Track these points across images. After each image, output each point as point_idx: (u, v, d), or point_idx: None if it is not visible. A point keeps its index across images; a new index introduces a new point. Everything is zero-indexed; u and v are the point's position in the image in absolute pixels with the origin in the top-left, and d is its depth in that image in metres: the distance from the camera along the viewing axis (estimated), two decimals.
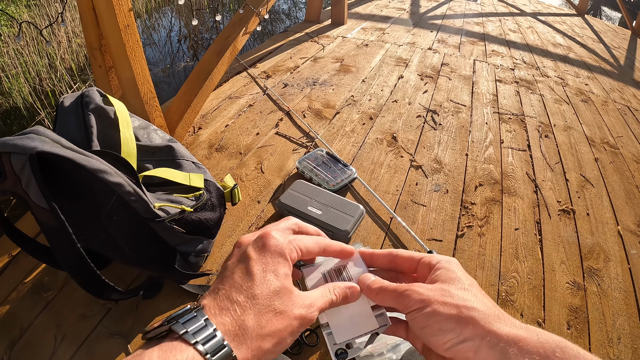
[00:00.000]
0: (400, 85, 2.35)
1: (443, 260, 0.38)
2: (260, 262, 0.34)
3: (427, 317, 0.32)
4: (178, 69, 3.69)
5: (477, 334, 0.30)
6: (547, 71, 3.03)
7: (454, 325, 0.31)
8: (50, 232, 0.76)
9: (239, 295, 0.32)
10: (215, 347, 0.28)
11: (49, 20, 3.53)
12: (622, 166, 1.92)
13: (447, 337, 0.31)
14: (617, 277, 1.30)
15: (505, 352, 0.28)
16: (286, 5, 6.05)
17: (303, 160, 1.48)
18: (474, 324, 0.30)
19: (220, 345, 0.28)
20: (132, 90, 1.30)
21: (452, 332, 0.31)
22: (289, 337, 0.32)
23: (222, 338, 0.29)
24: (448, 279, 0.35)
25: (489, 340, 0.29)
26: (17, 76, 2.87)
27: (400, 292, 0.35)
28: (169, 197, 0.94)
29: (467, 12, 4.54)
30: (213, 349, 0.28)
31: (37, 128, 0.73)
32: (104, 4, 1.13)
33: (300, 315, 0.33)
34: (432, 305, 0.32)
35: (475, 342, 0.30)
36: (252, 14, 1.92)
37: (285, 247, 0.35)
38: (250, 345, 0.30)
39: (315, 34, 3.03)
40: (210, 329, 0.29)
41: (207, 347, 0.28)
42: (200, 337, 0.28)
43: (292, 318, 0.32)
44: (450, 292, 0.33)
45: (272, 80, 2.23)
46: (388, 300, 0.36)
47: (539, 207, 1.53)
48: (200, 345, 0.28)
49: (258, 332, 0.30)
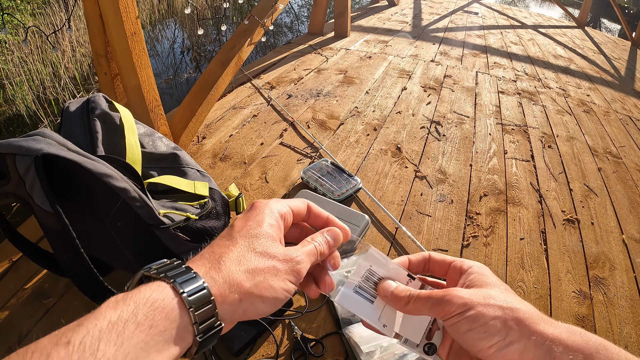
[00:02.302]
0: (403, 96, 2.36)
1: (475, 265, 0.37)
2: (243, 218, 0.33)
3: (472, 320, 0.31)
4: (181, 80, 3.71)
5: (524, 335, 0.29)
6: (549, 82, 3.04)
7: (500, 327, 0.30)
8: (53, 236, 0.75)
9: (218, 244, 0.31)
10: (187, 279, 0.27)
11: (53, 29, 3.56)
12: (625, 175, 1.92)
13: (493, 340, 0.30)
14: (622, 285, 1.28)
15: (551, 351, 0.28)
16: (289, 18, 6.10)
17: (308, 170, 1.47)
18: (519, 325, 0.30)
19: (191, 277, 0.27)
20: (138, 98, 1.31)
21: (498, 335, 0.30)
22: (274, 279, 0.30)
23: (194, 272, 0.28)
24: (483, 283, 0.34)
25: (535, 340, 0.29)
26: (21, 84, 2.88)
27: (439, 298, 0.33)
28: (174, 204, 0.94)
29: (468, 24, 4.58)
30: (184, 280, 0.27)
31: (43, 130, 0.73)
32: (111, 10, 1.14)
33: (285, 257, 0.31)
34: (476, 308, 0.31)
35: (521, 344, 0.29)
36: (257, 25, 1.93)
37: (271, 203, 0.34)
38: (227, 280, 0.28)
39: (318, 46, 3.05)
40: (182, 269, 0.28)
41: (178, 279, 0.27)
42: (172, 273, 0.27)
43: (274, 259, 0.31)
44: (491, 295, 0.32)
45: (276, 91, 2.23)
46: (422, 308, 0.35)
47: (543, 217, 1.52)
48: (173, 281, 0.27)
49: (235, 268, 0.29)
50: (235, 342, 0.89)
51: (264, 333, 0.95)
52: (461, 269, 0.37)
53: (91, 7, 1.19)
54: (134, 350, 0.22)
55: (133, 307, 0.24)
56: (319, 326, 0.99)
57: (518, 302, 0.32)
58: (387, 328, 0.37)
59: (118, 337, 0.22)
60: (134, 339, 0.23)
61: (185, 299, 0.26)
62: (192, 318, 0.26)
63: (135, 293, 0.25)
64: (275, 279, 0.30)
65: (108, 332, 0.22)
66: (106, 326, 0.23)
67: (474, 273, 0.36)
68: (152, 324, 0.24)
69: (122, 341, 0.22)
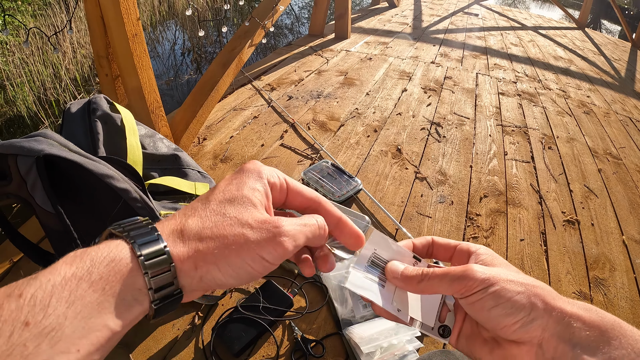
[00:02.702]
0: (404, 98, 2.36)
1: (482, 247, 0.36)
2: (227, 179, 0.30)
3: (497, 296, 0.30)
4: (181, 81, 3.72)
5: (547, 311, 0.29)
6: (549, 84, 3.04)
7: (525, 303, 0.29)
8: (54, 236, 0.76)
9: (193, 205, 0.29)
10: (147, 241, 0.25)
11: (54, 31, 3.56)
12: (626, 176, 1.92)
13: (519, 315, 0.29)
14: (623, 286, 1.29)
15: (570, 326, 0.28)
16: (289, 20, 6.11)
17: (308, 172, 1.48)
18: (542, 301, 0.29)
19: (153, 240, 0.25)
20: (139, 99, 1.31)
21: (524, 311, 0.29)
22: (240, 250, 0.27)
23: (157, 235, 0.26)
24: (497, 263, 0.33)
25: (556, 316, 0.29)
26: (22, 85, 2.89)
27: (459, 274, 0.31)
28: (175, 205, 0.94)
29: (469, 26, 4.58)
30: (144, 242, 0.25)
31: (45, 131, 0.73)
32: (112, 12, 1.14)
33: (262, 224, 0.28)
34: (499, 283, 0.30)
35: (544, 319, 0.29)
36: (258, 27, 1.94)
37: (266, 169, 0.31)
38: (188, 245, 0.26)
39: (319, 48, 3.06)
40: (148, 229, 0.26)
41: (139, 240, 0.25)
42: (135, 233, 0.26)
43: (245, 226, 0.27)
44: (510, 273, 0.31)
45: (277, 93, 2.24)
46: (438, 285, 0.33)
47: (543, 218, 1.52)
48: (133, 242, 0.25)
49: (198, 232, 0.26)
50: (236, 342, 0.89)
51: (264, 334, 0.95)
52: (468, 251, 0.36)
53: (92, 8, 1.20)
54: (86, 310, 0.22)
55: (89, 265, 0.23)
56: (319, 327, 0.99)
57: (534, 280, 0.31)
58: (402, 312, 0.36)
59: (70, 294, 0.22)
60: (87, 298, 0.22)
61: (142, 262, 0.24)
62: (147, 283, 0.24)
63: (93, 250, 0.24)
64: (242, 250, 0.27)
65: (61, 288, 0.22)
66: (59, 282, 0.22)
67: (484, 254, 0.35)
68: (106, 285, 0.23)
69: (74, 299, 0.21)
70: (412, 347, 0.88)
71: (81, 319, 0.21)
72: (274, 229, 0.28)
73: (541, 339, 0.29)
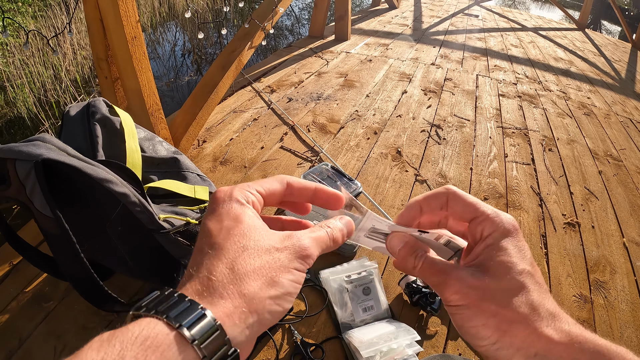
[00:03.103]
0: (404, 100, 2.36)
1: (497, 232, 0.31)
2: (214, 219, 0.28)
3: (465, 319, 0.29)
4: (182, 83, 3.72)
5: (513, 345, 0.28)
6: (550, 85, 3.04)
7: (491, 334, 0.28)
8: (53, 240, 0.75)
9: (202, 259, 0.26)
10: (182, 310, 0.22)
11: (54, 32, 3.57)
12: (626, 178, 1.92)
13: (482, 342, 0.29)
14: (623, 289, 1.28)
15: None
16: (289, 21, 6.11)
17: (308, 175, 1.48)
18: (510, 335, 0.28)
19: (187, 307, 0.23)
20: (138, 102, 1.31)
21: (488, 340, 0.29)
22: (279, 274, 0.26)
23: (190, 299, 0.23)
24: (496, 264, 0.30)
25: (524, 352, 0.28)
26: (22, 86, 2.89)
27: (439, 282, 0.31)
28: (174, 209, 0.94)
29: (469, 27, 4.58)
30: (178, 312, 0.22)
31: (43, 135, 0.73)
32: (111, 15, 1.14)
33: (284, 243, 0.27)
34: (470, 308, 0.29)
35: (510, 352, 0.28)
36: (258, 29, 1.93)
37: (235, 193, 0.29)
38: (228, 295, 0.24)
39: (319, 49, 3.06)
40: (175, 297, 0.23)
41: (173, 312, 0.22)
42: (165, 306, 0.23)
43: (272, 251, 0.26)
44: (492, 292, 0.29)
45: (277, 95, 2.24)
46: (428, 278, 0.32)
47: (544, 221, 1.52)
48: (166, 316, 0.22)
49: (232, 278, 0.24)
50: None
51: (263, 337, 0.95)
52: (482, 231, 0.32)
53: (92, 11, 1.20)
54: None
55: (119, 349, 0.20)
56: (318, 330, 0.99)
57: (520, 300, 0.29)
58: None
59: None
60: None
61: (184, 332, 0.21)
62: (199, 353, 0.22)
63: (121, 331, 0.21)
64: (280, 273, 0.26)
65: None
66: None
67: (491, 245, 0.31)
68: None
69: None
70: (412, 351, 0.88)
71: None
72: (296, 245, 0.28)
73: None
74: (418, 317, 1.06)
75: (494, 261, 0.30)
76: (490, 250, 0.31)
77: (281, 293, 0.25)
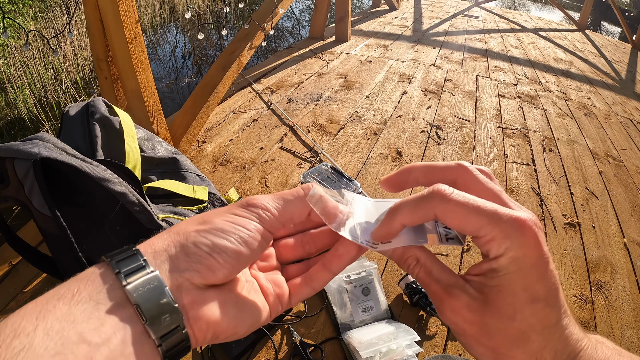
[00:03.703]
0: (404, 100, 2.36)
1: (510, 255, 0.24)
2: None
3: (461, 341, 0.28)
4: (182, 84, 3.72)
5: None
6: (550, 86, 3.04)
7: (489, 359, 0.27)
8: (52, 240, 0.75)
9: None
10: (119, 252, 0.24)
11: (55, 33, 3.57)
12: (627, 179, 1.91)
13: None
14: (624, 289, 1.28)
15: None
16: (289, 22, 6.12)
17: (308, 175, 1.47)
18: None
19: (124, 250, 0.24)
20: (138, 102, 1.31)
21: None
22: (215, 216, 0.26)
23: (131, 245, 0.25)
24: (499, 293, 0.25)
25: None
26: (22, 87, 2.89)
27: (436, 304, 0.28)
28: (173, 209, 0.94)
29: (469, 28, 4.59)
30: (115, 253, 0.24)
31: (42, 134, 0.73)
32: (111, 15, 1.14)
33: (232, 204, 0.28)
34: (468, 339, 0.27)
35: None
36: (257, 30, 1.93)
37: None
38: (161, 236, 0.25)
39: (319, 50, 3.06)
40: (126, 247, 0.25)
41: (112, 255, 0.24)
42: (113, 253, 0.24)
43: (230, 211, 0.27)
44: (490, 329, 0.25)
45: (277, 96, 2.24)
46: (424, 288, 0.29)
47: (544, 221, 1.52)
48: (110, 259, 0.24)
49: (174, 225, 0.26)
50: (234, 346, 0.89)
51: (263, 338, 0.95)
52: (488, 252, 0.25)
53: (92, 11, 1.20)
54: (57, 323, 0.20)
55: (57, 287, 0.22)
56: (318, 331, 0.99)
57: (518, 340, 0.25)
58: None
59: (40, 312, 0.21)
60: (57, 312, 0.21)
61: (111, 263, 0.23)
62: (114, 268, 0.23)
63: None
64: (215, 215, 0.26)
65: (31, 310, 0.21)
66: (30, 307, 0.21)
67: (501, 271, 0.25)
68: (75, 293, 0.22)
69: (43, 315, 0.20)
70: (412, 351, 0.88)
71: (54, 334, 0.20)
72: (244, 199, 0.28)
73: None
74: (418, 317, 1.06)
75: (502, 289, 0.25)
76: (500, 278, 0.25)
77: (209, 227, 0.25)
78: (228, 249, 0.25)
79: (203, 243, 0.25)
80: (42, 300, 0.22)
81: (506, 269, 0.24)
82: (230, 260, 0.25)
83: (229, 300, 0.26)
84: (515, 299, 0.25)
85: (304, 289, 0.31)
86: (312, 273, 0.31)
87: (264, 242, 0.27)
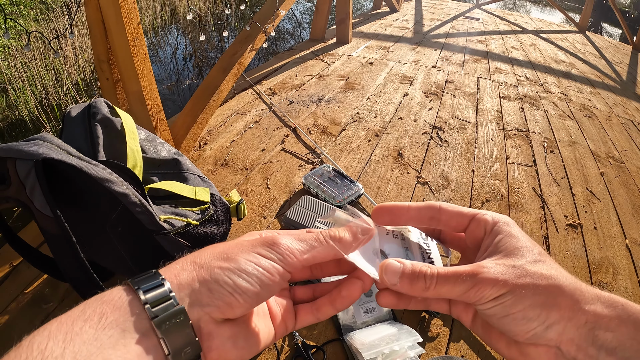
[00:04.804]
0: (405, 102, 2.36)
1: (500, 220, 0.32)
2: None
3: (509, 306, 0.28)
4: (183, 86, 3.72)
5: (563, 317, 0.27)
6: (551, 87, 3.04)
7: (540, 312, 0.27)
8: (53, 241, 0.75)
9: None
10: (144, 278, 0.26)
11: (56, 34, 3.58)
12: (628, 180, 1.91)
13: (531, 325, 0.27)
14: (626, 290, 1.28)
15: (592, 329, 0.27)
16: (290, 24, 6.13)
17: (309, 176, 1.47)
18: (558, 307, 0.27)
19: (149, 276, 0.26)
20: (139, 103, 1.31)
21: (537, 320, 0.27)
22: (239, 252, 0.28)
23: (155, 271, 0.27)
24: (514, 248, 0.30)
25: (575, 321, 0.27)
26: (23, 89, 2.90)
27: (471, 281, 0.28)
28: (175, 210, 0.94)
29: (469, 30, 4.59)
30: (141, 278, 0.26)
31: (44, 135, 0.73)
32: (113, 16, 1.14)
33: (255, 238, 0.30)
34: (513, 292, 0.27)
35: (560, 325, 0.27)
36: (259, 31, 1.94)
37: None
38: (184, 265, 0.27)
39: (320, 52, 3.06)
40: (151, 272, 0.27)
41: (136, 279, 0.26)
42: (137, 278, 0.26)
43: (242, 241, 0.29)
44: (527, 270, 0.28)
45: (278, 97, 2.24)
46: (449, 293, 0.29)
47: (546, 222, 1.51)
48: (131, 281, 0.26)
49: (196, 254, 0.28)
50: None
51: None
52: (485, 224, 0.32)
53: (93, 13, 1.20)
54: (84, 347, 0.21)
55: (82, 307, 0.24)
56: (320, 333, 0.99)
57: (555, 275, 0.28)
58: None
59: (67, 334, 0.22)
60: (84, 335, 0.22)
61: (138, 292, 0.25)
62: (141, 297, 0.24)
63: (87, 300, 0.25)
64: (238, 251, 0.28)
65: (56, 330, 0.22)
66: (55, 326, 0.22)
67: (502, 233, 0.31)
68: (102, 317, 0.23)
69: (70, 337, 0.21)
70: (414, 353, 0.88)
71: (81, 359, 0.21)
72: (267, 236, 0.30)
73: (559, 342, 0.27)
74: (420, 318, 1.05)
75: (512, 245, 0.30)
76: (501, 238, 0.31)
77: (233, 267, 0.27)
78: (249, 291, 0.27)
79: (226, 283, 0.26)
80: (68, 320, 0.23)
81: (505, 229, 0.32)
82: (249, 300, 0.27)
83: (239, 333, 0.28)
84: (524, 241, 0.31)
85: (309, 317, 0.34)
86: (319, 305, 0.34)
87: (283, 281, 0.29)
